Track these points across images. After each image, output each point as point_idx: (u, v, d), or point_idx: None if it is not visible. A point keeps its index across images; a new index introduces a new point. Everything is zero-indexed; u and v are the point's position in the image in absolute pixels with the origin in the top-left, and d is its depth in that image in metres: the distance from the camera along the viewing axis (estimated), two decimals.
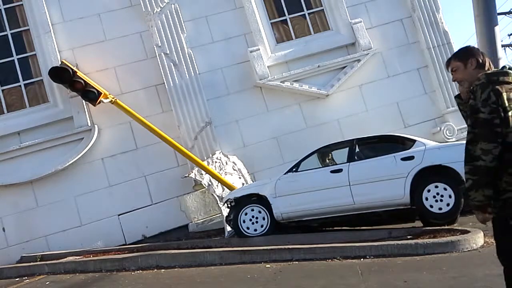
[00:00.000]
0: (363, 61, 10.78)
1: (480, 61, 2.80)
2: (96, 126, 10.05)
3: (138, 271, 6.87)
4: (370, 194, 7.45)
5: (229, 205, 8.37)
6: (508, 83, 2.62)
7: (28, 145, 9.84)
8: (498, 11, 16.04)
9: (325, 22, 11.20)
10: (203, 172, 9.68)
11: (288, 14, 11.13)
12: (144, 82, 10.38)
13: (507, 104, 2.55)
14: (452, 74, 2.93)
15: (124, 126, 10.19)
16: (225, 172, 9.76)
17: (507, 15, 23.09)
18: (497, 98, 2.55)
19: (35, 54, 10.32)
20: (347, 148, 8.03)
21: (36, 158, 9.82)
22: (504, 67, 2.72)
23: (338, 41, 10.96)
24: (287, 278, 5.58)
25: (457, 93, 3.00)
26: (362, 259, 6.01)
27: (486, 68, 2.79)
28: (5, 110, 10.20)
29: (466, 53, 2.87)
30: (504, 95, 2.56)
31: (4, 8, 10.45)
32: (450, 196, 7.20)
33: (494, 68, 2.84)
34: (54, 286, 6.73)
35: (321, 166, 8.18)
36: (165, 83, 10.25)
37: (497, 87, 2.58)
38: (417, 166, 7.31)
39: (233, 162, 10.06)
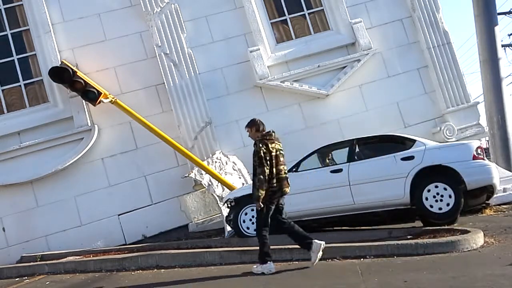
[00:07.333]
0: (363, 61, 10.78)
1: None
2: (96, 126, 10.06)
3: (138, 271, 6.87)
4: (370, 194, 7.45)
5: (229, 205, 8.36)
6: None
7: (28, 145, 9.85)
8: (498, 11, 16.05)
9: (325, 22, 11.20)
10: (203, 172, 9.68)
11: (288, 14, 11.13)
12: (144, 82, 10.39)
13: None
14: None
15: (124, 126, 10.19)
16: (225, 172, 9.76)
17: (507, 15, 23.08)
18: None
19: (35, 54, 10.34)
20: (347, 148, 8.03)
21: (36, 158, 9.83)
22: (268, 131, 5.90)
23: (338, 41, 10.97)
24: (287, 278, 5.58)
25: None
26: (362, 259, 6.01)
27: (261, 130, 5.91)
28: (5, 110, 10.22)
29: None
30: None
31: (4, 8, 10.46)
32: (450, 196, 7.22)
33: None
34: (54, 286, 6.73)
35: (321, 166, 8.18)
36: (165, 83, 10.26)
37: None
38: (417, 166, 7.32)
39: (233, 162, 10.07)
